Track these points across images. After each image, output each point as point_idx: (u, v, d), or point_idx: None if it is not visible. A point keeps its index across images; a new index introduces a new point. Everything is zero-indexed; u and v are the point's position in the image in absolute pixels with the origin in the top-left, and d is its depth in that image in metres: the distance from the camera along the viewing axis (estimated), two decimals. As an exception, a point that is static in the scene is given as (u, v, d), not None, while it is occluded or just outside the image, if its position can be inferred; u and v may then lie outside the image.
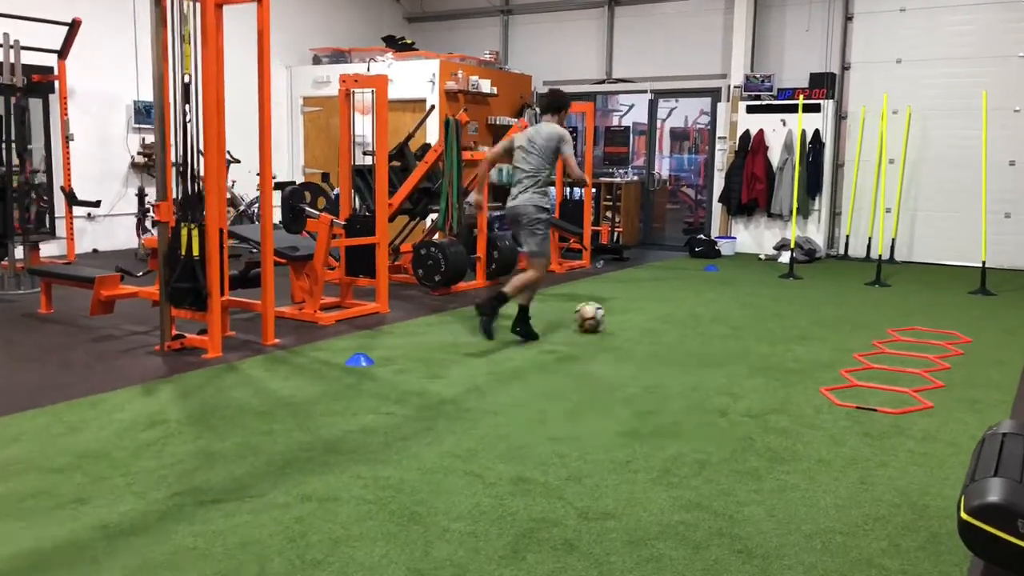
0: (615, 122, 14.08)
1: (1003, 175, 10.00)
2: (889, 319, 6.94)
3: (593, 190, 12.39)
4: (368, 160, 8.05)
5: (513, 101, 12.73)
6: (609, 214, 12.35)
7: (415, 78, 11.46)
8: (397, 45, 12.53)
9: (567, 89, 13.25)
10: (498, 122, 12.27)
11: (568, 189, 11.84)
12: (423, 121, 8.07)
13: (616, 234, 12.06)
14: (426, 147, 7.96)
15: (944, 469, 3.60)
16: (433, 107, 8.29)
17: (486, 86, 11.95)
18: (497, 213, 10.22)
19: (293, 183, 8.00)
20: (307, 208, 6.23)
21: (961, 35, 10.29)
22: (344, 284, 6.86)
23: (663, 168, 15.13)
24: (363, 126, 11.92)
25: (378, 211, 6.61)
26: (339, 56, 12.27)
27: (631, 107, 14.39)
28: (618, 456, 3.64)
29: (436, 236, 8.23)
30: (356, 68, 11.99)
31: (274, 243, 6.13)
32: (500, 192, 11.88)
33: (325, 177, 9.28)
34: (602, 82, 13.05)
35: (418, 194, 8.04)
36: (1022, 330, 6.54)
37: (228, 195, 10.23)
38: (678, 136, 15.98)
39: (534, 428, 4.00)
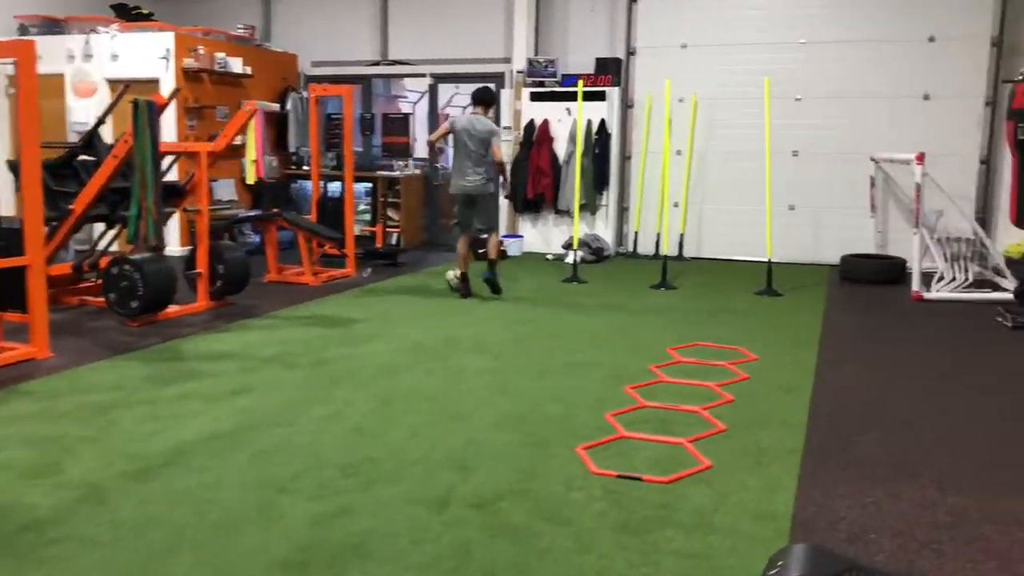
0: (408, 111, 12.68)
1: (787, 166, 9.65)
2: (671, 332, 6.14)
3: (368, 185, 11.13)
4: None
5: (274, 83, 11.16)
6: (388, 212, 11.09)
7: (146, 54, 9.66)
8: (129, 15, 10.62)
9: (337, 71, 11.87)
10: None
11: (333, 184, 10.47)
12: (115, 104, 6.44)
13: (395, 236, 10.83)
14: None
15: (718, 585, 2.63)
16: (127, 87, 6.66)
17: (237, 65, 10.31)
18: (249, 214, 8.72)
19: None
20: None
21: (745, 20, 9.83)
22: (-12, 321, 5.18)
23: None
24: (85, 112, 10.02)
25: (26, 220, 4.98)
26: (52, 26, 10.18)
27: (423, 94, 13.05)
28: (251, 620, 2.39)
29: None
30: (73, 40, 10.00)
31: None
32: (255, 192, 10.36)
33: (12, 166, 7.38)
34: (377, 64, 11.73)
35: (115, 195, 6.40)
36: (808, 342, 5.90)
37: None
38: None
39: (146, 571, 2.66)
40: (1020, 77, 5.91)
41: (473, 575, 2.65)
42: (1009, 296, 7.42)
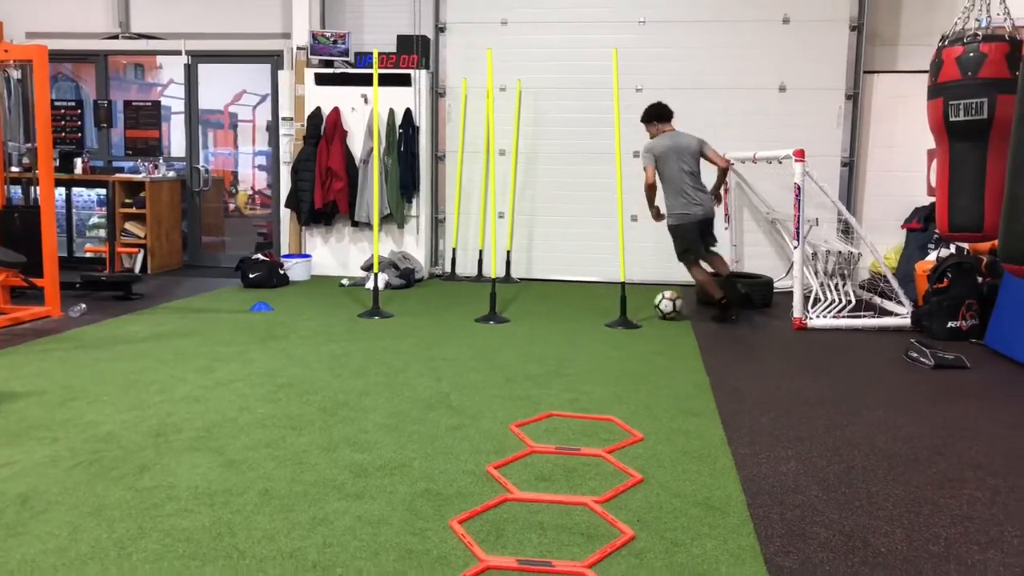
0: (163, 100, 9.94)
1: (627, 169, 8.07)
2: (512, 395, 4.25)
3: (101, 191, 8.54)
4: None
5: (-35, 56, 8.29)
6: (127, 227, 8.51)
7: None
8: None
9: (62, 45, 9.08)
10: (-70, 85, 7.79)
11: (24, 189, 7.80)
12: None
13: (138, 258, 8.30)
14: None
15: None
16: None
17: (-103, 25, 7.43)
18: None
19: None
20: None
21: (574, -8, 8.22)
22: None
23: (255, 164, 11.42)
24: None
25: None
26: None
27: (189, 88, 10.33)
28: None
29: None
30: None
31: None
32: None
33: None
34: (116, 37, 9.12)
35: None
36: (702, 406, 4.19)
37: None
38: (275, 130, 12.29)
39: None
40: (944, 42, 4.55)
41: None
42: (901, 322, 6.17)
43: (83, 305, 6.19)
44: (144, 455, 3.29)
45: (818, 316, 6.30)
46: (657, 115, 6.47)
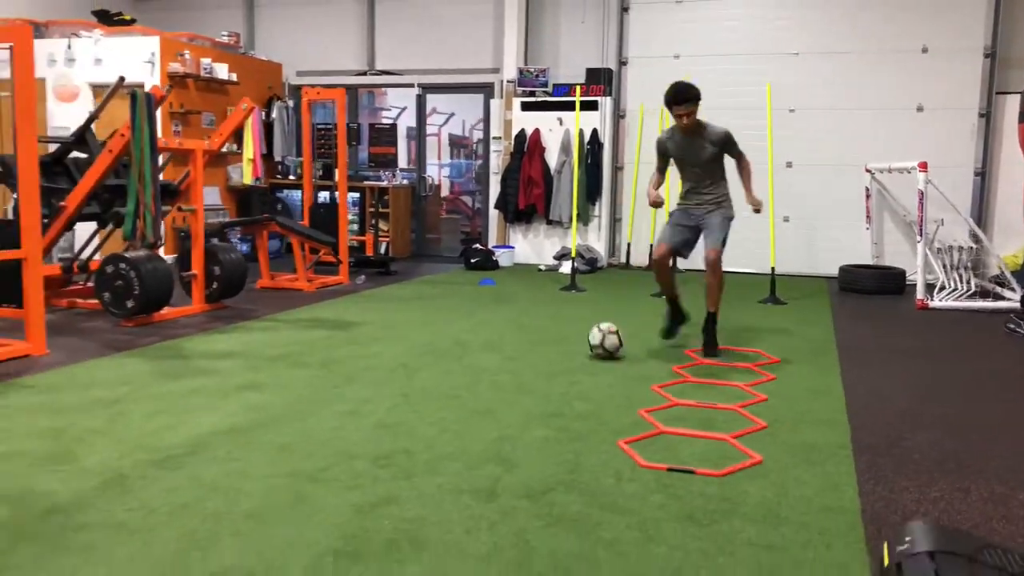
0: (394, 124, 12.49)
1: (781, 177, 9.61)
2: (687, 337, 6.01)
3: (354, 195, 10.93)
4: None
5: (259, 91, 10.96)
6: (376, 222, 10.87)
7: (131, 58, 9.40)
8: (111, 20, 10.36)
9: (322, 81, 11.71)
10: (240, 115, 10.44)
11: (322, 192, 10.26)
12: (109, 98, 6.18)
13: (384, 245, 10.62)
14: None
15: (802, 573, 2.46)
16: (123, 79, 6.36)
17: (223, 72, 10.10)
18: (241, 219, 8.49)
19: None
20: None
21: (736, 30, 9.85)
22: (-23, 317, 4.89)
23: (441, 174, 13.94)
24: (67, 117, 9.69)
25: (23, 214, 4.72)
26: (32, 30, 9.87)
27: (404, 109, 12.90)
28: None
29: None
30: (54, 44, 9.72)
31: None
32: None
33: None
34: (364, 74, 11.57)
35: (108, 193, 6.14)
36: (825, 347, 5.80)
37: None
38: (456, 143, 14.84)
39: (188, 557, 2.44)
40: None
41: (538, 566, 2.45)
42: (1013, 305, 7.41)
43: (363, 276, 8.47)
44: (456, 352, 5.31)
45: (941, 300, 7.64)
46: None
